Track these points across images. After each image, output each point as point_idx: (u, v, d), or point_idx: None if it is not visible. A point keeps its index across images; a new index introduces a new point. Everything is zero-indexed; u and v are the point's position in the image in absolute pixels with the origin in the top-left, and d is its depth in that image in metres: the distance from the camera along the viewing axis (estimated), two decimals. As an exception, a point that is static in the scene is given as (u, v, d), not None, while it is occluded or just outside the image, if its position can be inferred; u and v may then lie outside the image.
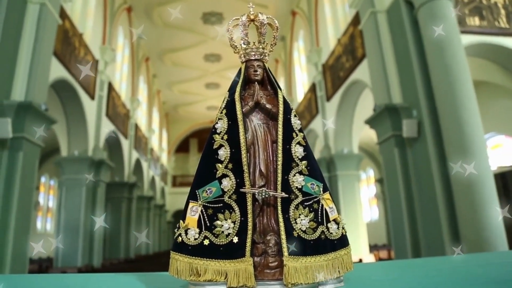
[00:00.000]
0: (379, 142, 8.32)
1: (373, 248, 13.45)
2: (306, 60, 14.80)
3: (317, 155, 14.11)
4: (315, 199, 1.22)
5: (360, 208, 11.77)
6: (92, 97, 11.03)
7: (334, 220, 1.22)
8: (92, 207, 10.43)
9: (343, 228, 1.23)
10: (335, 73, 11.73)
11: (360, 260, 9.40)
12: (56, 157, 11.56)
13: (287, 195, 1.19)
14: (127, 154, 15.06)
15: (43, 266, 10.31)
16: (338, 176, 11.70)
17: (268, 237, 1.20)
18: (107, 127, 12.44)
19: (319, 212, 1.21)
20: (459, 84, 6.43)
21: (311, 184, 1.22)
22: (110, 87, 12.70)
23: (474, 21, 7.90)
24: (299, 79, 16.66)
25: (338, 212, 1.27)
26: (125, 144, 14.83)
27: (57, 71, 8.61)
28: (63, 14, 8.54)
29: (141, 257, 15.61)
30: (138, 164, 17.05)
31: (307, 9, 14.28)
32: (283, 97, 1.28)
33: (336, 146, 12.00)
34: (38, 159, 7.37)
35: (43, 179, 17.61)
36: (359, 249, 10.96)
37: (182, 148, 28.51)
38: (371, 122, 8.50)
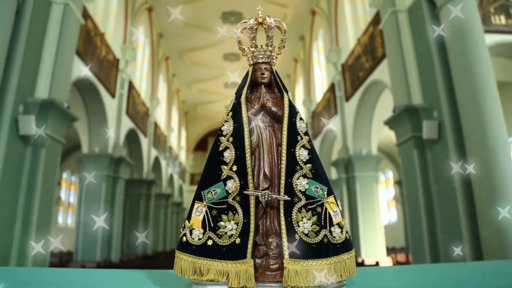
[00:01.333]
0: (398, 144, 8.18)
1: (390, 251, 13.25)
2: (326, 59, 14.68)
3: (335, 155, 14.00)
4: (319, 203, 1.21)
5: (378, 210, 11.60)
6: (113, 95, 11.26)
7: (338, 224, 1.21)
8: (111, 203, 10.64)
9: (346, 232, 1.22)
10: (355, 73, 11.60)
11: (377, 263, 9.27)
12: (77, 153, 11.83)
13: (289, 198, 1.19)
14: (146, 152, 15.30)
15: (63, 259, 10.59)
16: (356, 177, 11.57)
17: (270, 240, 1.21)
18: (127, 125, 12.68)
19: (323, 216, 1.20)
20: (482, 85, 6.24)
21: (315, 188, 1.21)
22: (131, 86, 12.93)
23: (500, 19, 7.67)
24: (318, 79, 16.54)
25: (356, 214, 1.26)
26: (144, 142, 15.06)
27: (80, 69, 8.81)
28: (85, 14, 8.74)
29: (158, 253, 15.83)
30: (157, 161, 17.29)
31: (327, 8, 14.16)
32: (289, 100, 1.27)
33: (355, 146, 11.87)
34: (60, 156, 7.57)
35: (65, 175, 18.06)
36: (376, 251, 10.81)
37: (200, 146, 28.76)
38: (390, 123, 8.37)
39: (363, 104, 11.31)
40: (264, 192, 1.20)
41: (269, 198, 1.20)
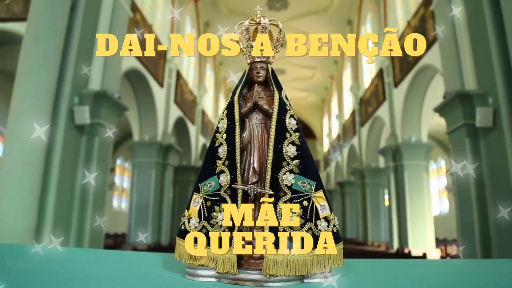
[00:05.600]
0: (448, 132, 7.79)
1: (441, 242, 12.73)
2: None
3: (382, 143, 13.58)
4: (305, 197, 1.25)
5: (429, 200, 11.16)
6: (161, 84, 11.71)
7: (325, 217, 1.24)
8: (161, 189, 11.18)
9: (334, 225, 1.25)
10: (404, 57, 11.10)
11: (424, 255, 8.98)
12: (129, 141, 12.49)
13: (273, 192, 1.25)
14: (194, 139, 15.80)
15: (117, 241, 11.34)
16: (405, 165, 11.19)
17: (254, 230, 1.27)
18: (176, 113, 13.14)
19: (309, 210, 1.24)
20: (544, 68, 5.73)
21: (301, 183, 1.25)
22: (178, 75, 13.36)
23: None
24: (366, 64, 16.03)
25: (404, 204, 1.25)
26: (192, 129, 15.55)
27: (129, 61, 9.27)
28: (134, 7, 9.14)
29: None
30: (204, 149, 17.76)
31: (376, -10, 13.60)
32: (279, 98, 1.33)
33: (404, 134, 11.44)
34: (112, 144, 8.07)
35: (118, 162, 19.11)
36: (425, 243, 10.47)
37: (247, 134, 29.10)
38: (441, 110, 7.97)
39: (412, 90, 10.85)
40: (249, 186, 1.27)
41: (255, 192, 1.27)
